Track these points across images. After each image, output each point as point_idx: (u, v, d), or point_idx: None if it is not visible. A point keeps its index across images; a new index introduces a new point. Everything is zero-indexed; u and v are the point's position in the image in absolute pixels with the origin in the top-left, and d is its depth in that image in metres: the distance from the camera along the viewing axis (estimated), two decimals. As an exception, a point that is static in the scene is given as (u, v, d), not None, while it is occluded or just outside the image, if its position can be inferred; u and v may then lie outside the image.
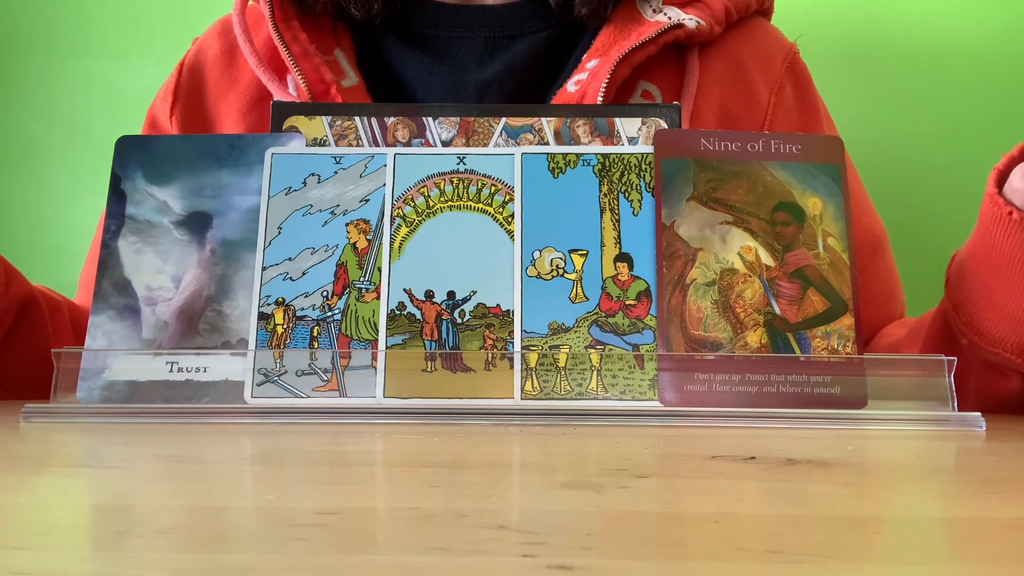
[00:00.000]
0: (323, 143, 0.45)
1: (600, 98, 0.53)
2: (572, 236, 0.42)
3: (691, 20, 0.57)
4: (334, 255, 0.43)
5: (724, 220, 0.43)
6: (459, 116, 0.46)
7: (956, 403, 0.38)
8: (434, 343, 0.41)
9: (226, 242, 0.43)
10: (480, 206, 0.43)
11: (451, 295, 0.42)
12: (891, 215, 0.66)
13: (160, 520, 0.20)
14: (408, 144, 0.45)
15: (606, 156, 0.44)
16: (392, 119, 0.46)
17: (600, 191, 0.43)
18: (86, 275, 0.64)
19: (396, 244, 0.43)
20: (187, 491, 0.24)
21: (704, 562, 0.17)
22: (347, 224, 0.43)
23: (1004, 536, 0.20)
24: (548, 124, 0.45)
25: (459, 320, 0.41)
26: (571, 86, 0.56)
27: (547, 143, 0.45)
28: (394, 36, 0.61)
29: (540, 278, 0.42)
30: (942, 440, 0.35)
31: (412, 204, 0.43)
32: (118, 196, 0.44)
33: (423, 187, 0.44)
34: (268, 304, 0.42)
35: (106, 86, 0.94)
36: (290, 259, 0.43)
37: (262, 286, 0.42)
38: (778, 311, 0.41)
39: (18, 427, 0.37)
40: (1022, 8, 0.85)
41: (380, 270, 0.42)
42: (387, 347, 0.41)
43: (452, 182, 0.44)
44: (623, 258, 0.42)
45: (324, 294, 0.42)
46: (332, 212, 0.43)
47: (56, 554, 0.18)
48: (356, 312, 0.42)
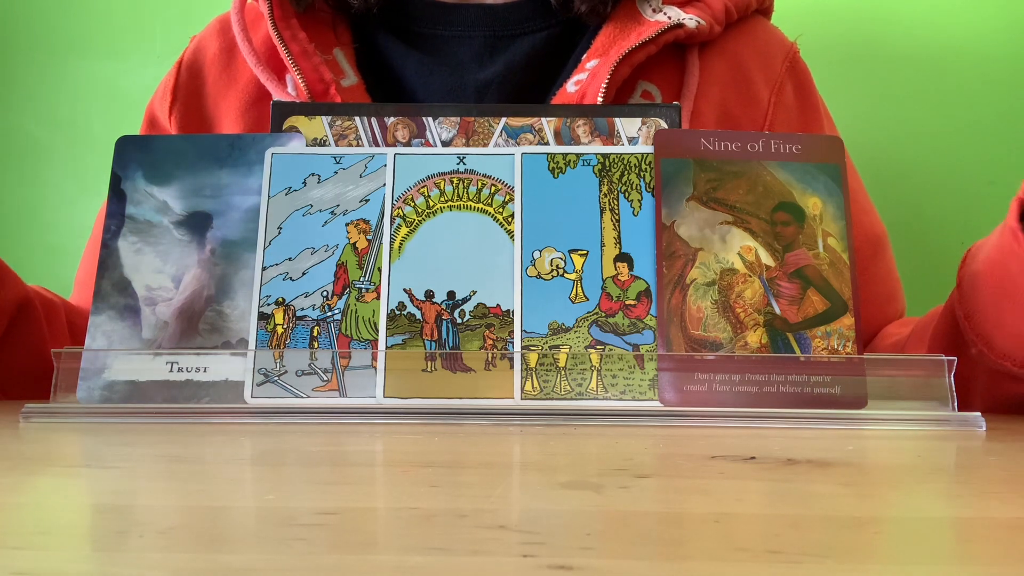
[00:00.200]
0: (323, 143, 0.45)
1: (600, 98, 0.53)
2: (572, 236, 0.42)
3: (691, 20, 0.57)
4: (334, 255, 0.43)
5: (724, 220, 0.43)
6: (459, 116, 0.46)
7: (956, 403, 0.38)
8: (434, 343, 0.41)
9: (226, 242, 0.43)
10: (480, 206, 0.43)
11: (451, 295, 0.42)
12: (891, 215, 0.66)
13: (160, 520, 0.20)
14: (408, 144, 0.45)
15: (606, 156, 0.44)
16: (392, 119, 0.46)
17: (600, 191, 0.43)
18: (82, 274, 0.64)
19: (396, 244, 0.43)
20: (187, 491, 0.24)
21: (704, 562, 0.17)
22: (347, 224, 0.43)
23: (1004, 536, 0.20)
24: (548, 124, 0.45)
25: (459, 320, 0.41)
26: (571, 86, 0.56)
27: (547, 143, 0.45)
28: (393, 35, 0.61)
29: (540, 278, 0.42)
30: (942, 440, 0.35)
31: (412, 204, 0.43)
32: (118, 196, 0.44)
33: (423, 187, 0.44)
34: (268, 304, 0.42)
35: (106, 86, 0.94)
36: (290, 259, 0.43)
37: (262, 286, 0.42)
38: (778, 311, 0.41)
39: (18, 427, 0.37)
40: (1022, 8, 0.85)
41: (380, 270, 0.42)
42: (387, 347, 0.41)
43: (452, 182, 0.44)
44: (623, 258, 0.42)
45: (324, 294, 0.42)
46: (332, 212, 0.43)
47: (56, 554, 0.18)
48: (356, 312, 0.42)
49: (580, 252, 0.42)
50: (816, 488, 0.24)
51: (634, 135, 0.45)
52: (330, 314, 0.42)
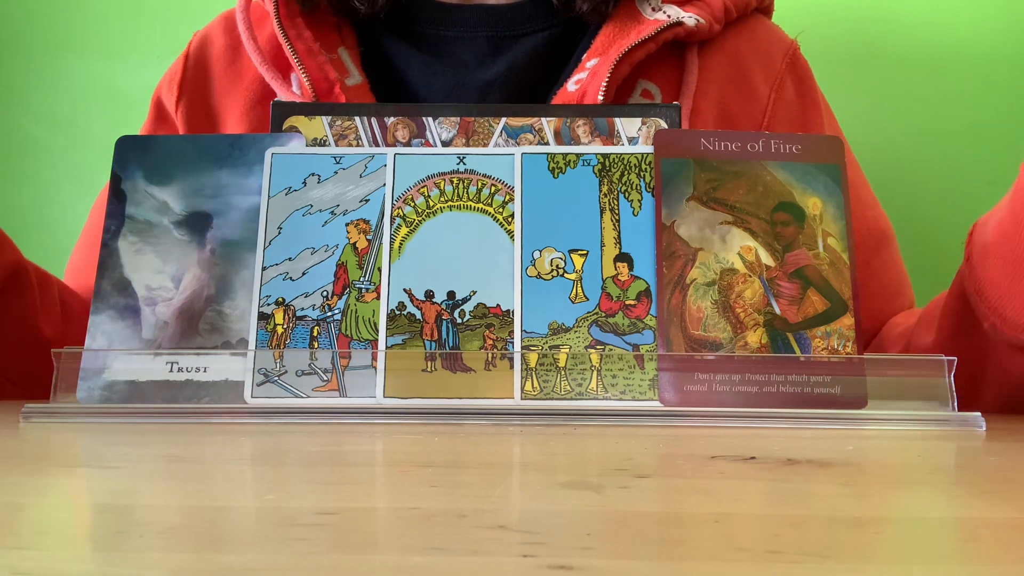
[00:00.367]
0: (323, 143, 0.45)
1: (600, 97, 0.53)
2: (572, 236, 0.42)
3: (690, 18, 0.57)
4: (334, 255, 0.43)
5: (724, 220, 0.43)
6: (459, 116, 0.46)
7: (956, 403, 0.38)
8: (434, 343, 0.41)
9: (226, 242, 0.43)
10: (480, 206, 0.43)
11: (451, 295, 0.42)
12: (891, 215, 0.66)
13: (160, 520, 0.20)
14: (408, 144, 0.45)
15: (606, 156, 0.44)
16: (392, 119, 0.46)
17: (600, 191, 0.43)
18: (75, 261, 0.64)
19: (396, 244, 0.43)
20: (187, 491, 0.24)
21: (704, 562, 0.17)
22: (347, 224, 0.43)
23: (1004, 536, 0.20)
24: (548, 124, 0.45)
25: (459, 320, 0.41)
26: (571, 85, 0.56)
27: (547, 143, 0.45)
28: (397, 36, 0.61)
29: (540, 278, 0.42)
30: (942, 440, 0.35)
31: (412, 204, 0.43)
32: (118, 196, 0.44)
33: (423, 187, 0.44)
34: (268, 304, 0.42)
35: (106, 86, 0.94)
36: (290, 259, 0.43)
37: (262, 286, 0.42)
38: (778, 311, 0.41)
39: (18, 427, 0.37)
40: (1022, 8, 0.85)
41: (380, 270, 0.42)
42: (387, 347, 0.41)
43: (452, 182, 0.44)
44: (623, 258, 0.42)
45: (324, 294, 0.42)
46: (332, 212, 0.43)
47: (56, 554, 0.18)
48: (356, 312, 0.42)
49: (580, 252, 0.42)
50: (816, 488, 0.24)
51: (634, 135, 0.45)
52: (330, 314, 0.42)
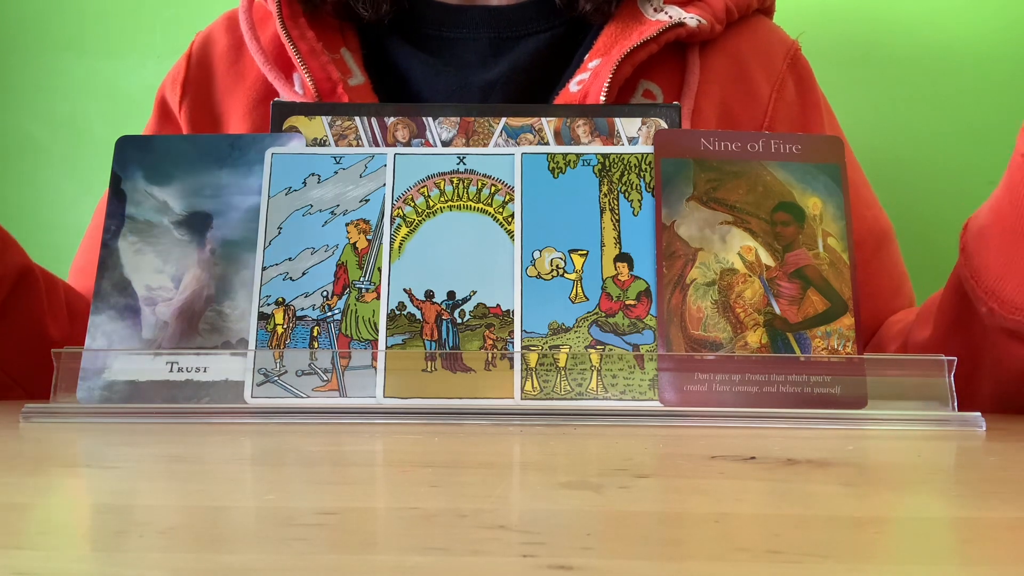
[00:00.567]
0: (323, 143, 0.45)
1: (603, 97, 0.54)
2: (572, 236, 0.42)
3: (692, 19, 0.57)
4: (334, 255, 0.43)
5: (724, 220, 0.43)
6: (459, 116, 0.46)
7: (956, 403, 0.38)
8: (434, 343, 0.41)
9: (226, 242, 0.43)
10: (480, 206, 0.43)
11: (451, 295, 0.42)
12: (891, 215, 0.66)
13: (160, 520, 0.20)
14: (408, 144, 0.45)
15: (606, 156, 0.44)
16: (392, 119, 0.46)
17: (600, 191, 0.43)
18: (79, 263, 0.64)
19: (396, 244, 0.43)
20: (187, 491, 0.24)
21: (704, 562, 0.17)
22: (347, 224, 0.43)
23: (1004, 536, 0.20)
24: (548, 124, 0.45)
25: (459, 320, 0.41)
26: (573, 86, 0.56)
27: (547, 143, 0.45)
28: (400, 36, 0.61)
29: (540, 278, 0.42)
30: (942, 440, 0.35)
31: (412, 204, 0.43)
32: (118, 196, 0.44)
33: (423, 187, 0.44)
34: (268, 304, 0.42)
35: (106, 86, 0.94)
36: (290, 259, 0.43)
37: (262, 286, 0.42)
38: (778, 311, 0.41)
39: (18, 427, 0.37)
40: (1022, 8, 0.85)
41: (380, 270, 0.42)
42: (387, 347, 0.41)
43: (452, 182, 0.44)
44: (623, 258, 0.42)
45: (324, 294, 0.42)
46: (332, 212, 0.43)
47: (56, 554, 0.18)
48: (356, 312, 0.42)
49: (580, 252, 0.42)
50: (816, 488, 0.24)
51: (634, 135, 0.45)
52: (330, 314, 0.42)
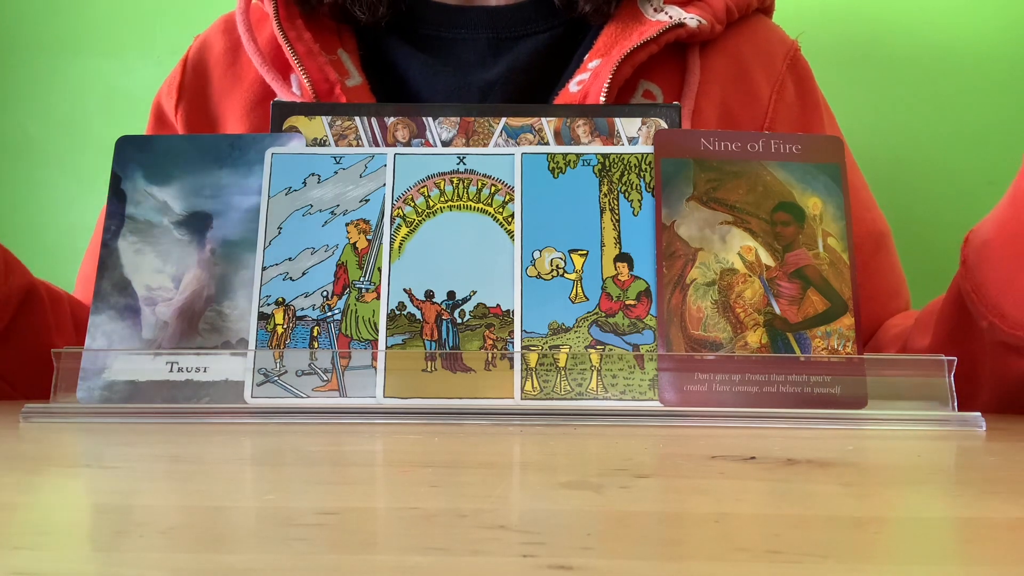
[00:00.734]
0: (323, 143, 0.45)
1: (603, 98, 0.54)
2: (572, 236, 0.42)
3: (692, 19, 0.57)
4: (334, 255, 0.43)
5: (724, 220, 0.43)
6: (459, 116, 0.46)
7: (956, 403, 0.38)
8: (434, 343, 0.41)
9: (226, 242, 0.43)
10: (480, 206, 0.43)
11: (451, 295, 0.42)
12: (890, 215, 0.66)
13: (160, 520, 0.20)
14: (408, 144, 0.45)
15: (606, 156, 0.44)
16: (392, 119, 0.46)
17: (600, 191, 0.43)
18: (84, 272, 0.64)
19: (396, 244, 0.43)
20: (187, 491, 0.24)
21: (704, 562, 0.17)
22: (347, 224, 0.43)
23: (1004, 536, 0.20)
24: (548, 124, 0.45)
25: (459, 320, 0.41)
26: (573, 86, 0.56)
27: (547, 143, 0.45)
28: (398, 37, 0.61)
29: (540, 278, 0.42)
30: (942, 440, 0.35)
31: (412, 204, 0.43)
32: (118, 196, 0.44)
33: (423, 187, 0.44)
34: (268, 304, 0.42)
35: (105, 86, 0.94)
36: (290, 259, 0.43)
37: (262, 286, 0.42)
38: (778, 311, 0.41)
39: (18, 427, 0.37)
40: (1022, 9, 0.85)
41: (380, 270, 0.42)
42: (387, 347, 0.41)
43: (452, 182, 0.44)
44: (623, 258, 0.42)
45: (324, 294, 0.42)
46: (332, 212, 0.43)
47: (56, 554, 0.18)
48: (356, 312, 0.42)
49: (580, 252, 0.42)
50: (816, 488, 0.24)
51: (634, 135, 0.45)
52: (330, 314, 0.42)
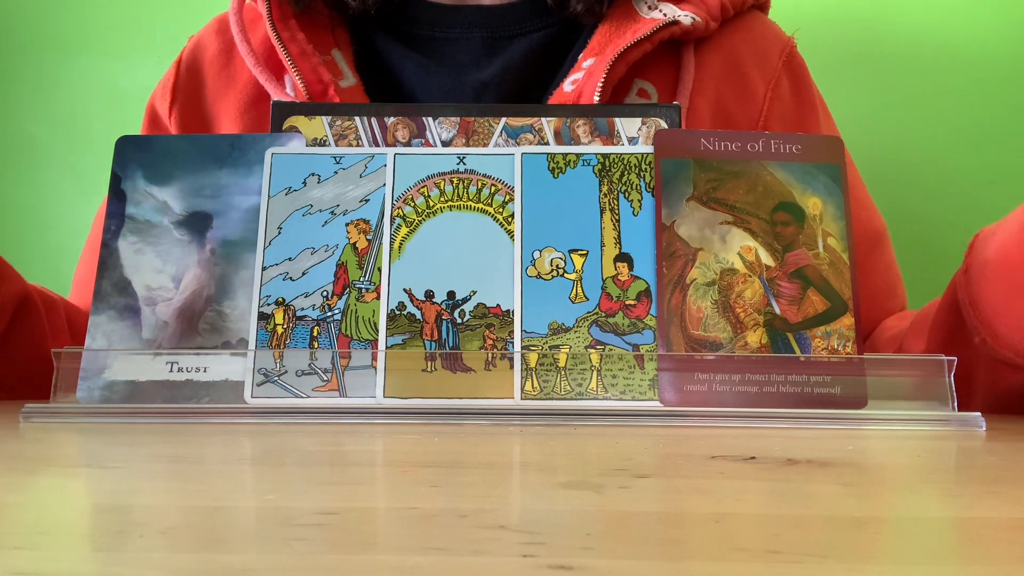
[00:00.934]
0: (323, 143, 0.45)
1: (597, 97, 0.53)
2: (572, 236, 0.42)
3: (686, 16, 0.57)
4: (334, 255, 0.43)
5: (724, 220, 0.43)
6: (459, 116, 0.46)
7: (956, 403, 0.38)
8: (434, 343, 0.41)
9: (226, 242, 0.43)
10: (480, 206, 0.43)
11: (451, 295, 0.42)
12: (891, 215, 0.66)
13: (160, 520, 0.20)
14: (408, 144, 0.45)
15: (606, 156, 0.44)
16: (392, 119, 0.46)
17: (600, 191, 0.43)
18: (81, 273, 0.64)
19: (396, 244, 0.43)
20: (187, 491, 0.24)
21: (704, 562, 0.17)
22: (347, 224, 0.43)
23: (1004, 536, 0.20)
24: (548, 124, 0.45)
25: (459, 320, 0.41)
26: (567, 85, 0.56)
27: (547, 143, 0.45)
28: (392, 37, 0.61)
29: (540, 278, 0.42)
30: (942, 440, 0.35)
31: (412, 204, 0.43)
32: (118, 196, 0.44)
33: (423, 187, 0.44)
34: (268, 304, 0.42)
35: (106, 86, 0.94)
36: (290, 259, 0.43)
37: (262, 286, 0.42)
38: (778, 311, 0.41)
39: (18, 427, 0.37)
40: (1022, 8, 0.85)
41: (380, 270, 0.42)
42: (387, 347, 0.41)
43: (452, 182, 0.44)
44: (623, 258, 0.42)
45: (324, 294, 0.42)
46: (332, 212, 0.43)
47: (56, 554, 0.18)
48: (356, 312, 0.42)
49: (580, 252, 0.42)
50: (816, 488, 0.24)
51: (634, 135, 0.45)
52: (330, 314, 0.42)
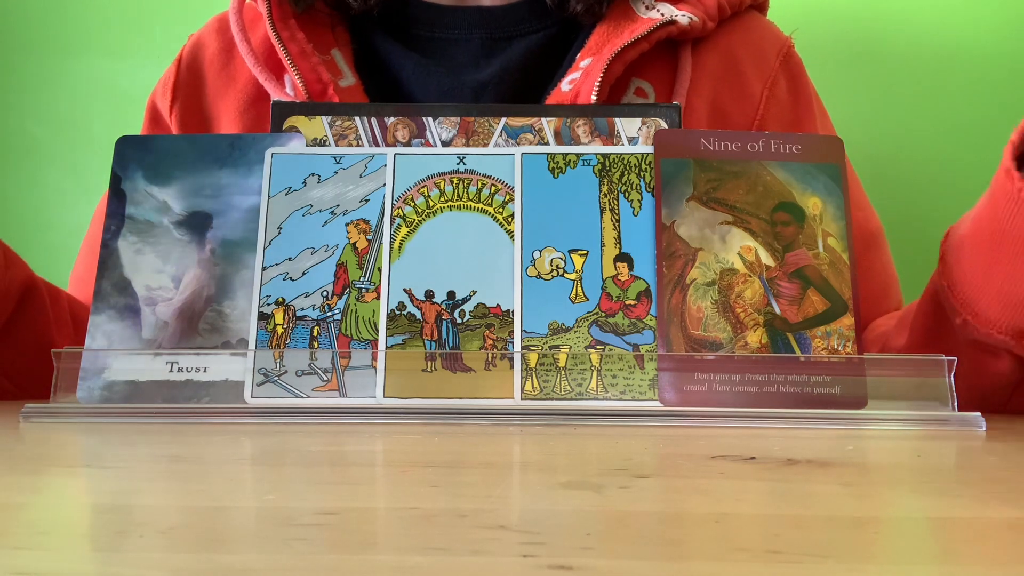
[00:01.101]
0: (323, 143, 0.45)
1: (594, 96, 0.53)
2: (572, 236, 0.42)
3: (684, 16, 0.57)
4: (334, 255, 0.43)
5: (724, 220, 0.43)
6: (459, 116, 0.46)
7: (956, 403, 0.38)
8: (434, 343, 0.41)
9: (226, 242, 0.43)
10: (480, 206, 0.43)
11: (451, 295, 0.42)
12: (889, 214, 0.66)
13: (160, 520, 0.20)
14: (408, 144, 0.45)
15: (606, 156, 0.44)
16: (392, 119, 0.46)
17: (600, 191, 0.43)
18: (79, 271, 0.64)
19: (396, 244, 0.43)
20: (187, 491, 0.24)
21: (704, 562, 0.17)
22: (347, 224, 0.43)
23: (1004, 536, 0.20)
24: (548, 124, 0.45)
25: (459, 320, 0.41)
26: (565, 85, 0.56)
27: (547, 143, 0.45)
28: (391, 37, 0.61)
29: (540, 278, 0.42)
30: (942, 440, 0.35)
31: (412, 204, 0.43)
32: (118, 196, 0.44)
33: (423, 187, 0.44)
34: (268, 304, 0.42)
35: (107, 86, 0.94)
36: (290, 259, 0.43)
37: (262, 286, 0.42)
38: (778, 311, 0.41)
39: (18, 427, 0.37)
40: (1022, 8, 0.85)
41: (380, 270, 0.42)
42: (387, 347, 0.41)
43: (452, 182, 0.44)
44: (623, 258, 0.42)
45: (324, 294, 0.42)
46: (332, 212, 0.43)
47: (56, 554, 0.18)
48: (356, 312, 0.42)
49: (580, 252, 0.42)
50: (816, 488, 0.24)
51: (634, 135, 0.45)
52: (330, 314, 0.42)
